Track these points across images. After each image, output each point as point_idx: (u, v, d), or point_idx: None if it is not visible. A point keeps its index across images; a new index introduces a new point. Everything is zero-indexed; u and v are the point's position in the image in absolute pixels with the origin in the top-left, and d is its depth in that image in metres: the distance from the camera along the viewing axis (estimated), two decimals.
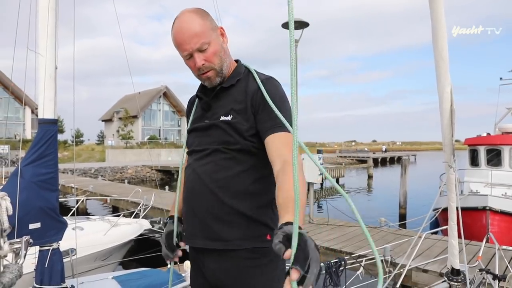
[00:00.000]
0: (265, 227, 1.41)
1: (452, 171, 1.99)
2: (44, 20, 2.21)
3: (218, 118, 1.42)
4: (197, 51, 1.37)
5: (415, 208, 14.07)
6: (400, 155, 49.33)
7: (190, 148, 1.55)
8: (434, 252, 5.57)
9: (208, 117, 1.47)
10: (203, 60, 1.38)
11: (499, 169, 10.01)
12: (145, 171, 29.39)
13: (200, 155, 1.47)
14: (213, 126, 1.44)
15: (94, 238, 5.54)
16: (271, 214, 1.42)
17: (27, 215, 2.05)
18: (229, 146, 1.39)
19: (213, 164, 1.42)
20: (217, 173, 1.40)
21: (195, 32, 1.34)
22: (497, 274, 2.45)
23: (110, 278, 3.27)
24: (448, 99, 1.87)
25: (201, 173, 1.43)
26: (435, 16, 1.76)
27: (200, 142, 1.48)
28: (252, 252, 1.39)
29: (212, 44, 1.38)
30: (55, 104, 2.25)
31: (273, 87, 1.40)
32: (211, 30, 1.39)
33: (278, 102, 1.30)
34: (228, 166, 1.39)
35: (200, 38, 1.35)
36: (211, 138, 1.44)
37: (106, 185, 16.36)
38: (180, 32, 1.36)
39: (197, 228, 1.44)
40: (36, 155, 2.15)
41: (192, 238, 1.48)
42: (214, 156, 1.42)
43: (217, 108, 1.46)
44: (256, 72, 1.49)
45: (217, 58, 1.40)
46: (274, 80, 1.46)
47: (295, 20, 8.89)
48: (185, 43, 1.36)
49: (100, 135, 55.90)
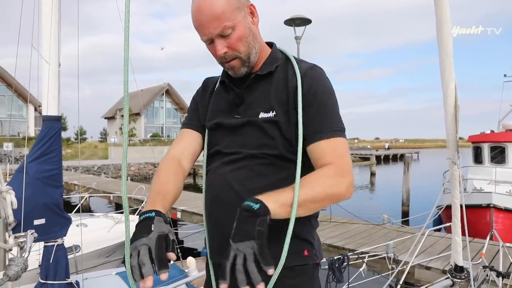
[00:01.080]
0: (304, 242, 1.23)
1: (456, 168, 1.98)
2: (47, 17, 2.21)
3: (257, 115, 1.18)
4: (219, 37, 1.14)
5: (418, 206, 14.05)
6: (403, 152, 49.29)
7: (214, 149, 1.28)
8: (437, 249, 5.56)
9: (240, 112, 1.22)
10: (226, 47, 1.16)
11: (503, 166, 9.99)
12: (147, 168, 29.48)
13: (229, 159, 1.22)
14: (249, 124, 1.20)
15: (99, 235, 5.58)
16: (309, 227, 1.25)
17: (32, 211, 2.06)
18: (269, 151, 1.17)
19: (247, 170, 1.18)
20: (253, 181, 1.17)
21: (216, 14, 1.11)
22: (501, 271, 2.45)
23: (113, 274, 3.30)
24: (452, 95, 1.86)
25: (232, 180, 1.18)
26: (439, 11, 1.75)
27: (230, 143, 1.23)
28: (291, 270, 1.18)
29: (237, 28, 1.14)
30: (59, 101, 2.26)
31: (318, 79, 1.19)
32: (237, 10, 1.14)
33: (324, 98, 1.16)
34: (266, 174, 1.17)
35: (221, 22, 1.12)
36: (246, 139, 1.20)
37: (109, 182, 16.41)
38: (199, 12, 1.13)
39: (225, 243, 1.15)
40: (40, 151, 2.16)
41: (220, 253, 1.17)
42: (249, 161, 1.18)
43: (253, 101, 1.22)
44: (296, 60, 1.25)
45: (243, 45, 1.17)
46: (318, 69, 1.23)
47: (298, 17, 8.87)
48: (204, 26, 1.14)
49: (103, 133, 56.09)
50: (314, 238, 1.29)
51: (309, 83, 1.18)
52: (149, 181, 25.27)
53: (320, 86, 1.19)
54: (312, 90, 1.17)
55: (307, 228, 1.24)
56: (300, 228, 1.18)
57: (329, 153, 1.12)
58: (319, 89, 1.18)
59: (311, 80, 1.18)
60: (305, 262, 1.24)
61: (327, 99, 1.18)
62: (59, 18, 2.27)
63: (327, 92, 1.19)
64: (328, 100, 1.18)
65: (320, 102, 1.17)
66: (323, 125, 1.14)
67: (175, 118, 53.64)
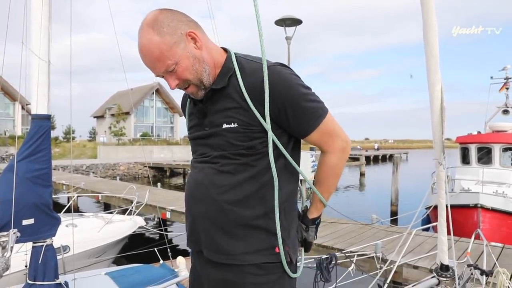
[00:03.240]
0: (274, 237, 1.28)
1: (441, 168, 2.02)
2: (37, 14, 2.19)
3: (220, 126, 1.27)
4: (166, 73, 1.24)
5: (407, 205, 14.19)
6: (392, 153, 49.63)
7: (194, 154, 1.43)
8: (424, 249, 5.63)
9: (207, 124, 1.32)
10: (176, 79, 1.25)
11: (490, 167, 10.14)
12: (137, 168, 29.27)
13: (201, 160, 1.35)
14: (215, 135, 1.29)
15: (89, 235, 5.54)
16: (282, 220, 1.30)
17: (21, 211, 2.04)
18: (234, 151, 1.26)
19: (215, 170, 1.29)
20: (220, 178, 1.28)
21: (156, 57, 1.20)
22: (484, 269, 2.50)
23: (103, 274, 3.28)
24: (438, 97, 1.89)
25: (202, 179, 1.31)
26: (426, 13, 1.78)
27: (203, 149, 1.35)
28: (259, 268, 1.26)
29: (180, 62, 1.21)
30: (49, 100, 2.24)
31: (277, 84, 1.23)
32: (174, 45, 1.20)
33: (292, 103, 1.24)
34: (233, 171, 1.27)
35: (163, 62, 1.21)
36: (215, 144, 1.30)
37: (98, 182, 16.25)
38: (142, 56, 1.22)
39: (200, 236, 1.34)
40: (29, 150, 2.14)
41: (196, 244, 1.38)
42: (217, 161, 1.29)
43: (215, 113, 1.30)
44: (251, 60, 1.30)
45: (190, 74, 1.24)
46: (276, 68, 1.26)
47: (289, 17, 8.91)
48: (150, 67, 1.24)
49: (92, 132, 55.51)
50: (289, 234, 1.33)
51: (273, 94, 1.22)
52: (139, 181, 25.10)
53: (283, 92, 1.23)
54: (279, 101, 1.23)
55: (278, 222, 1.28)
56: (271, 223, 1.28)
57: (319, 141, 1.33)
58: (283, 97, 1.23)
59: (272, 92, 1.22)
60: (274, 260, 1.28)
61: (294, 101, 1.25)
62: (50, 15, 2.25)
63: (290, 94, 1.24)
64: (296, 100, 1.25)
65: (291, 109, 1.25)
66: (304, 125, 1.28)
67: (165, 117, 53.34)
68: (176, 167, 27.72)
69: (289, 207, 1.35)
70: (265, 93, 1.22)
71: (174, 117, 53.42)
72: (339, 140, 1.33)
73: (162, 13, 1.22)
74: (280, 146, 1.27)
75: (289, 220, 1.34)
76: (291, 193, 1.36)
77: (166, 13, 1.22)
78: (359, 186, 25.25)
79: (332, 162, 1.36)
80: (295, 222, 1.40)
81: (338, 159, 1.36)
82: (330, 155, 1.35)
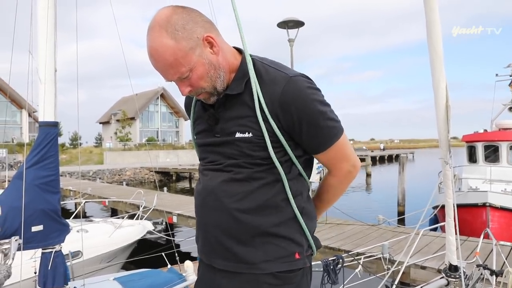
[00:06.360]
0: (294, 244, 1.23)
1: (448, 168, 2.00)
2: (43, 21, 2.22)
3: (232, 134, 1.19)
4: (179, 79, 1.14)
5: (414, 206, 14.09)
6: (398, 153, 49.37)
7: (202, 161, 1.34)
8: (432, 249, 5.59)
9: (219, 131, 1.23)
10: (189, 86, 1.16)
11: (497, 165, 10.07)
12: (143, 172, 29.36)
13: (212, 168, 1.27)
14: (227, 143, 1.21)
15: (100, 240, 5.60)
16: (299, 226, 1.25)
17: (30, 218, 2.06)
18: (249, 160, 1.19)
19: (229, 177, 1.22)
20: (235, 186, 1.21)
21: (169, 63, 1.09)
22: (494, 269, 2.47)
23: (112, 280, 3.29)
24: (443, 95, 1.88)
25: (215, 187, 1.24)
26: (429, 11, 1.77)
27: (213, 158, 1.27)
28: (275, 277, 1.20)
29: (195, 69, 1.12)
30: (56, 107, 2.26)
31: (297, 99, 1.15)
32: (190, 51, 1.09)
33: (310, 119, 1.16)
34: (247, 179, 1.20)
35: (177, 68, 1.10)
36: (226, 154, 1.23)
37: (105, 187, 16.33)
38: (153, 60, 1.12)
39: (214, 247, 1.26)
40: (37, 157, 2.16)
41: (209, 255, 1.30)
42: (230, 169, 1.22)
43: (228, 120, 1.21)
44: (269, 66, 1.21)
45: (205, 81, 1.15)
46: (297, 81, 1.17)
47: (291, 19, 8.90)
48: (162, 73, 1.14)
49: (98, 138, 55.85)
50: (304, 238, 1.28)
51: (289, 107, 1.15)
52: (145, 186, 25.18)
53: (299, 106, 1.15)
54: (295, 114, 1.15)
55: (296, 227, 1.25)
56: (290, 229, 1.24)
57: (327, 162, 1.30)
58: (299, 111, 1.15)
59: (289, 105, 1.15)
60: (293, 267, 1.22)
61: (310, 118, 1.16)
62: (55, 23, 2.28)
63: (307, 109, 1.16)
64: (311, 117, 1.17)
65: (306, 125, 1.17)
66: (314, 144, 1.23)
67: (170, 122, 53.52)
68: (182, 171, 27.78)
69: (307, 212, 1.30)
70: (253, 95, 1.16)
71: (179, 121, 53.58)
72: (347, 165, 1.31)
73: (176, 12, 1.10)
74: (294, 158, 1.22)
75: (309, 225, 1.29)
76: (307, 199, 1.32)
77: (181, 12, 1.10)
78: (366, 186, 25.13)
79: (334, 184, 1.38)
80: (314, 226, 1.37)
81: (342, 183, 1.37)
82: (334, 178, 1.35)
